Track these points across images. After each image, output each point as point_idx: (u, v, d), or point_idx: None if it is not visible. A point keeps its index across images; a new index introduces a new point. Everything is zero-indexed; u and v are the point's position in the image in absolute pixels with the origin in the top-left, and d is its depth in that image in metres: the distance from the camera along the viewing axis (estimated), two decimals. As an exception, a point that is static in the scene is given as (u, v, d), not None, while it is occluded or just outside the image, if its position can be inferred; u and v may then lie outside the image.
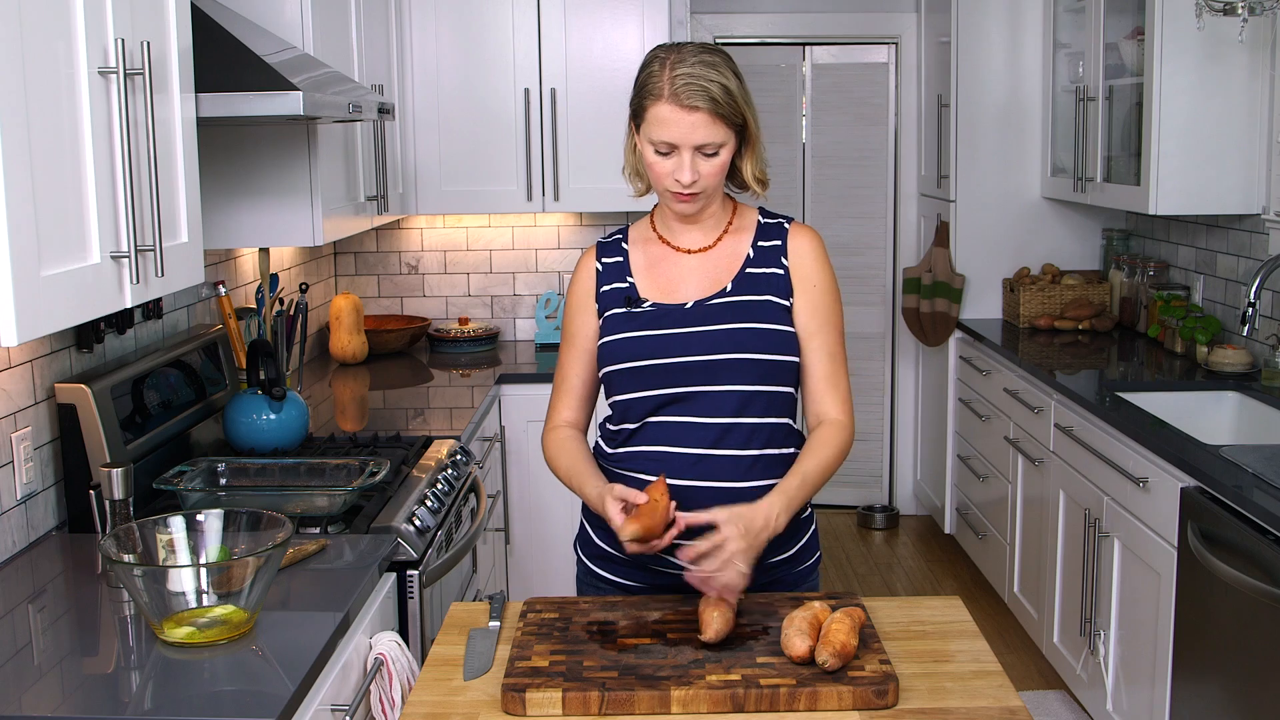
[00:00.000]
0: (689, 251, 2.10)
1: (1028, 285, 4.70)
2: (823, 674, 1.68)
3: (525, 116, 4.18)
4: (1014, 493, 4.15)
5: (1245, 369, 3.63)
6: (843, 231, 5.55)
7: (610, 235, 2.18)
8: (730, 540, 1.84)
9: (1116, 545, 3.25)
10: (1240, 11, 3.33)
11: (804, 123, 5.54)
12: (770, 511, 1.91)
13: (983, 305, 4.96)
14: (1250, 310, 3.28)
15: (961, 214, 4.92)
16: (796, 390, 2.09)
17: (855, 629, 1.73)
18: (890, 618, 1.95)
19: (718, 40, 5.37)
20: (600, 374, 2.10)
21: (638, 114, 2.00)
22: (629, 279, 2.10)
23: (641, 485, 2.00)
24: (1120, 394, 3.50)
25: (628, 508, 1.90)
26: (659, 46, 2.02)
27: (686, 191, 1.99)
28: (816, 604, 1.80)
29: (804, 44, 5.48)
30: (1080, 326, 4.53)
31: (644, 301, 2.06)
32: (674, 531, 1.87)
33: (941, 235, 5.00)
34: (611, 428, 2.11)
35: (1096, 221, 4.89)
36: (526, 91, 4.16)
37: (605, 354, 2.07)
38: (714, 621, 1.79)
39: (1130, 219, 4.77)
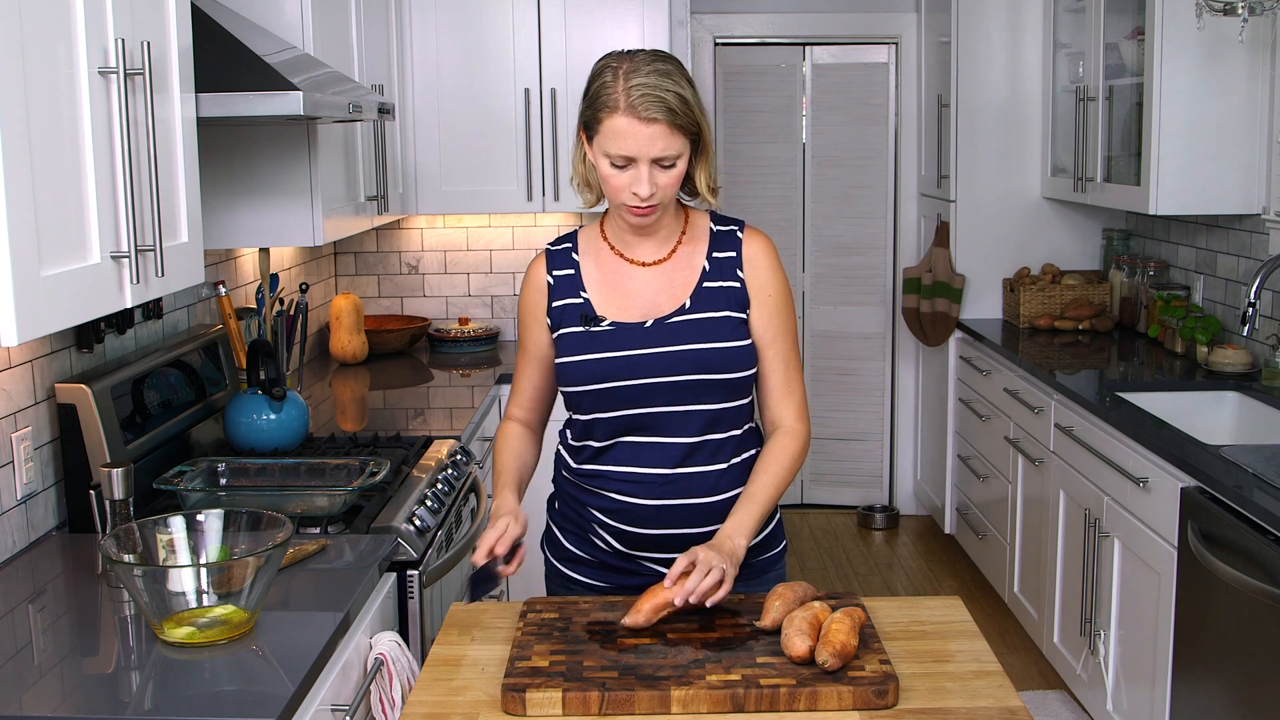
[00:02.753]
0: (643, 264, 2.05)
1: (1028, 285, 4.70)
2: (823, 674, 1.68)
3: (525, 116, 4.18)
4: (1014, 493, 4.15)
5: (1245, 369, 3.63)
6: (843, 231, 5.55)
7: (559, 243, 2.11)
8: (699, 554, 1.85)
9: (1116, 545, 3.25)
10: (1240, 11, 3.33)
11: (804, 123, 5.54)
12: (723, 537, 1.92)
13: (983, 305, 4.96)
14: (1250, 310, 3.28)
15: (961, 214, 4.92)
16: (755, 392, 2.10)
17: (855, 629, 1.73)
18: (890, 618, 1.95)
19: (718, 41, 5.38)
20: (561, 391, 2.08)
21: (590, 125, 1.93)
22: (583, 294, 2.05)
23: (616, 505, 2.04)
24: (1120, 394, 3.50)
25: (494, 558, 1.93)
26: (609, 55, 1.95)
27: (644, 205, 1.94)
28: (816, 604, 1.80)
29: (804, 44, 5.48)
30: (1080, 326, 4.53)
31: (602, 320, 2.02)
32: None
33: (941, 235, 5.00)
34: (574, 442, 2.10)
35: (1096, 221, 4.89)
36: (526, 91, 4.16)
37: (564, 375, 2.04)
38: (772, 610, 1.82)
39: (1130, 219, 4.77)
